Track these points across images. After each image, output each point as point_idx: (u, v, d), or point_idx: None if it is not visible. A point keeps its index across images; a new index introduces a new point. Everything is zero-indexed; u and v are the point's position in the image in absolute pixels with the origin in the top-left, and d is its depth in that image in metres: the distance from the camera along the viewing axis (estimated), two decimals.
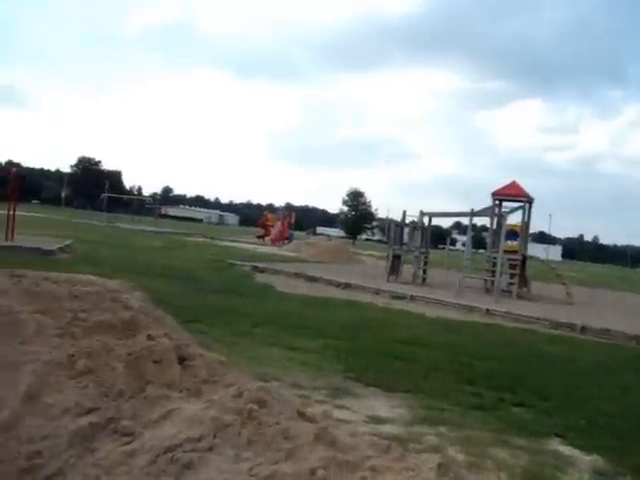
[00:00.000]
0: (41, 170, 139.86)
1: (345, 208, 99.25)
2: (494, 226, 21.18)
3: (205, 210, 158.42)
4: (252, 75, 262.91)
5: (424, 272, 21.68)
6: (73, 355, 3.58)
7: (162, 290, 12.13)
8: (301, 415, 3.73)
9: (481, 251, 27.97)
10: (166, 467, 2.91)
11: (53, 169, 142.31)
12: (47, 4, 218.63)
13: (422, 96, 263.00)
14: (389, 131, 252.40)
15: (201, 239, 41.42)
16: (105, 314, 4.22)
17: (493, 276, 20.04)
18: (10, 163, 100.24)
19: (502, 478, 4.46)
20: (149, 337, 3.91)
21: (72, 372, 3.48)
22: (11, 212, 19.34)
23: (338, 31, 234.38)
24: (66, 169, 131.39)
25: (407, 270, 21.38)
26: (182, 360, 3.88)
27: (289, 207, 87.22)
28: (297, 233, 58.86)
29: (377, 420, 5.39)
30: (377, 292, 16.85)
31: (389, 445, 3.49)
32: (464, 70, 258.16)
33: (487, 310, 14.97)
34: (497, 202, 21.81)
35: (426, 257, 21.92)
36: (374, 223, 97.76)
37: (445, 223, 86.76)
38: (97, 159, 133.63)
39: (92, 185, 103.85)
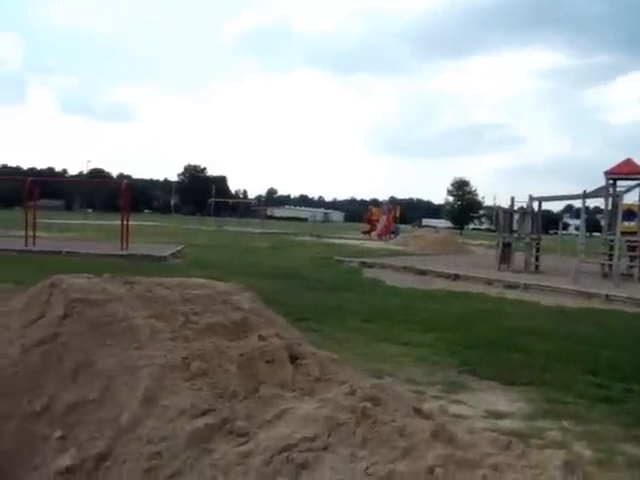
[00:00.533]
0: (150, 180, 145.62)
1: (450, 198, 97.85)
2: (609, 207, 20.20)
3: (310, 209, 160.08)
4: (349, 71, 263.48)
5: (536, 259, 20.98)
6: (187, 358, 3.62)
7: (271, 290, 12.31)
8: (417, 412, 3.63)
9: (596, 234, 26.79)
10: (282, 467, 2.89)
11: (162, 179, 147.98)
12: (144, 18, 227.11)
13: (524, 77, 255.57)
14: (492, 116, 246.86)
15: (307, 238, 41.84)
16: (216, 316, 4.26)
17: (611, 260, 19.09)
18: (121, 175, 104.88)
19: (638, 477, 4.18)
20: (260, 337, 3.91)
21: (186, 374, 3.52)
22: (124, 222, 20.20)
23: (431, 19, 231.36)
24: (174, 178, 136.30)
25: (518, 258, 20.75)
26: (294, 359, 3.86)
27: (393, 201, 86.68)
28: (403, 226, 58.48)
29: (496, 415, 5.21)
30: (489, 282, 16.43)
31: (510, 441, 3.33)
32: (565, 46, 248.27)
33: (607, 296, 14.24)
34: (611, 182, 20.77)
35: (538, 243, 21.20)
36: (481, 212, 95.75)
37: (556, 207, 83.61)
38: (203, 166, 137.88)
39: (199, 191, 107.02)
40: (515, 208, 21.59)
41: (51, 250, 18.47)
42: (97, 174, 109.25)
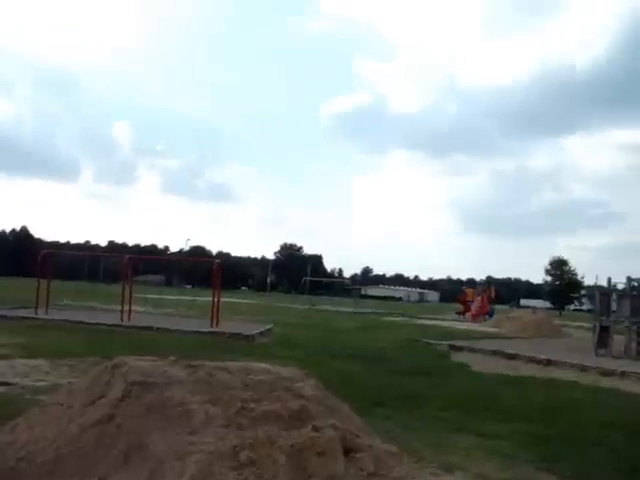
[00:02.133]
0: (248, 258, 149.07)
1: (549, 278, 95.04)
2: None
3: (405, 288, 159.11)
4: (442, 151, 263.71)
5: (638, 344, 19.83)
6: (237, 446, 3.60)
7: (351, 372, 12.19)
8: None
9: None
10: None
11: (259, 256, 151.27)
12: (242, 103, 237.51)
13: (622, 153, 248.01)
14: (590, 193, 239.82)
15: (399, 318, 41.38)
16: (274, 404, 4.23)
17: None
18: (220, 253, 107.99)
19: None
20: (314, 428, 3.85)
21: (235, 463, 3.50)
22: (215, 300, 20.66)
23: (523, 96, 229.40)
24: (271, 256, 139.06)
25: (619, 342, 19.69)
26: (348, 451, 3.77)
27: (490, 280, 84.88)
28: (499, 307, 57.02)
29: None
30: (583, 369, 15.63)
31: None
32: None
33: None
34: None
35: (638, 327, 20.09)
36: (582, 292, 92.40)
37: None
38: (299, 245, 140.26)
39: (295, 270, 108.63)
40: (614, 289, 20.69)
41: (143, 326, 19.00)
42: (197, 252, 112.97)
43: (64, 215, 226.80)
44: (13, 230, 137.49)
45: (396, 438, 6.64)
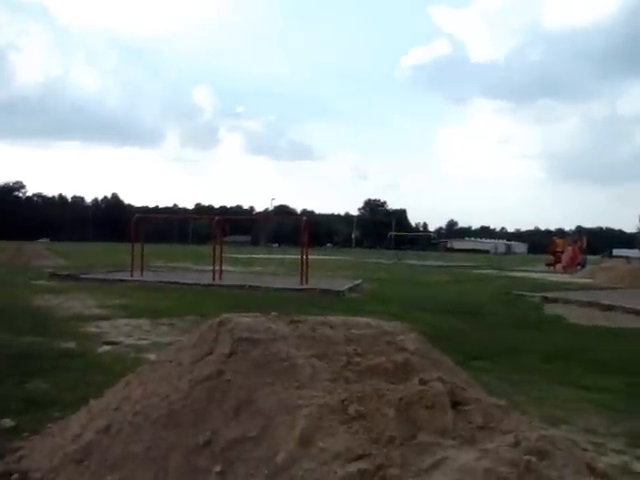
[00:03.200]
0: (332, 215, 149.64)
1: None
2: None
3: (491, 240, 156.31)
4: (527, 98, 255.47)
5: None
6: (345, 400, 3.60)
7: (446, 326, 12.09)
8: (591, 470, 3.35)
9: None
10: None
11: (343, 213, 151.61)
12: (321, 60, 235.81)
13: None
14: None
15: (488, 271, 40.79)
16: (379, 357, 4.20)
17: None
18: (304, 212, 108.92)
19: None
20: (421, 381, 3.80)
21: (344, 417, 3.50)
22: (304, 257, 20.84)
23: (608, 35, 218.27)
24: (355, 212, 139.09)
25: None
26: (456, 405, 3.72)
27: (580, 230, 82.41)
28: (591, 257, 55.31)
29: None
30: None
31: None
32: None
33: None
34: None
35: None
36: None
37: None
38: (382, 200, 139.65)
39: (379, 225, 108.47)
40: None
41: (235, 284, 19.42)
42: (282, 211, 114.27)
43: (151, 181, 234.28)
44: (105, 198, 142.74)
45: (497, 391, 6.53)
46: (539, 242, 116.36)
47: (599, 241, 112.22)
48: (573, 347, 10.10)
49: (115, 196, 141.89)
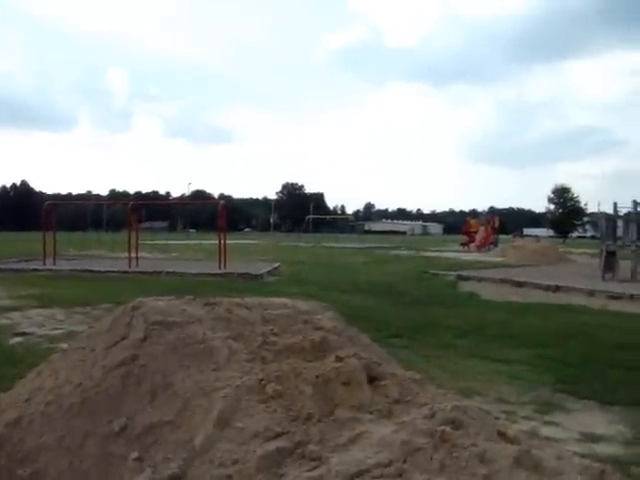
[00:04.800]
0: (250, 199, 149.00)
1: (551, 206, 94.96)
2: None
3: (408, 222, 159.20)
4: (443, 82, 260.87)
5: None
6: (263, 379, 3.60)
7: (364, 306, 12.25)
8: (501, 435, 3.46)
9: None
10: None
11: (260, 197, 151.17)
12: (238, 42, 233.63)
13: (625, 78, 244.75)
14: (593, 120, 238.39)
15: (404, 251, 41.49)
16: (296, 337, 4.22)
17: None
18: (222, 196, 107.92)
19: None
20: (337, 358, 3.83)
21: (262, 396, 3.49)
22: (221, 241, 20.66)
23: (524, 23, 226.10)
24: (273, 196, 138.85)
25: (625, 267, 19.73)
26: (373, 380, 3.77)
27: (493, 211, 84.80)
28: (502, 237, 57.09)
29: (592, 438, 4.86)
30: (591, 293, 15.69)
31: (603, 470, 3.12)
32: None
33: None
34: None
35: None
36: (585, 219, 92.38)
37: None
38: (300, 184, 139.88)
39: (297, 209, 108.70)
40: (620, 214, 20.64)
41: (152, 271, 19.07)
42: (199, 195, 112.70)
43: (64, 167, 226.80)
44: (13, 185, 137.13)
45: (414, 367, 6.67)
46: (454, 223, 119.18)
47: (511, 221, 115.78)
48: (486, 322, 10.42)
49: (25, 183, 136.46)
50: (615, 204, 20.77)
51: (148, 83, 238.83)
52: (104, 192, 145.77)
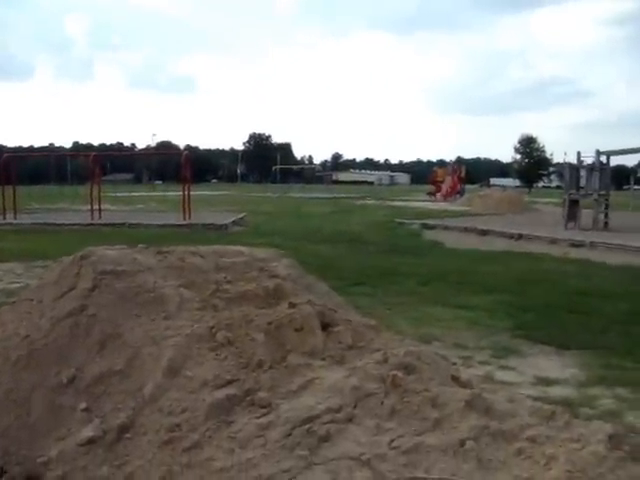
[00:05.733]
0: (217, 150, 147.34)
1: (518, 156, 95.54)
2: None
3: (376, 172, 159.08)
4: (409, 31, 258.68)
5: (605, 216, 20.15)
6: (213, 327, 3.54)
7: (328, 255, 12.24)
8: (455, 380, 3.47)
9: None
10: (302, 440, 2.78)
11: (227, 148, 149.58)
12: None
13: (593, 27, 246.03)
14: (559, 70, 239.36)
15: (371, 201, 41.55)
16: (249, 284, 4.16)
17: None
18: (188, 147, 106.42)
19: None
20: (290, 305, 3.79)
21: (212, 344, 3.45)
22: (186, 193, 20.44)
23: None
24: (239, 147, 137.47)
25: (587, 215, 19.96)
26: (327, 326, 3.74)
27: (460, 160, 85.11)
28: (469, 187, 57.39)
29: (545, 382, 4.93)
30: (553, 241, 15.87)
31: (553, 411, 3.13)
32: None
33: None
34: None
35: (607, 200, 20.30)
36: (550, 169, 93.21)
37: (631, 162, 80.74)
38: (267, 134, 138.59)
39: (264, 159, 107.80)
40: (583, 163, 20.78)
41: (115, 222, 18.85)
42: (164, 146, 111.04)
43: (24, 119, 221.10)
44: None
45: (376, 314, 6.69)
46: (422, 173, 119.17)
47: (478, 171, 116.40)
48: (449, 270, 10.48)
49: None
50: (579, 153, 20.90)
51: (110, 32, 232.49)
52: (68, 144, 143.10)
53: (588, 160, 20.63)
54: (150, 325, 3.63)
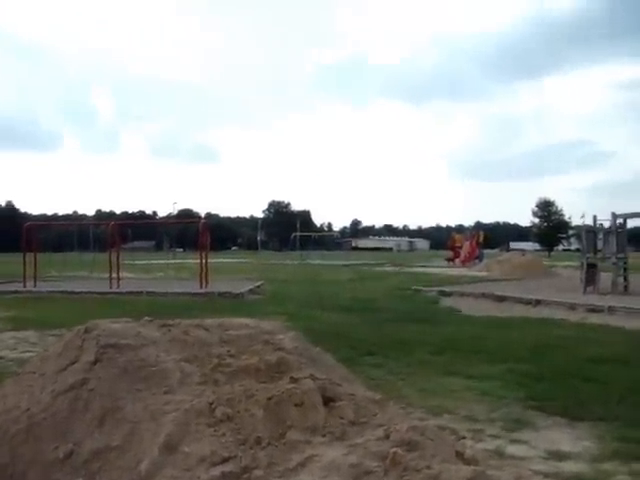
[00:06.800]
0: (237, 218, 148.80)
1: (536, 220, 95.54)
2: None
3: (395, 238, 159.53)
4: (425, 99, 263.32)
5: (625, 279, 19.92)
6: (212, 402, 3.52)
7: (342, 323, 12.18)
8: (459, 456, 3.39)
9: None
10: None
11: (247, 216, 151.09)
12: (221, 61, 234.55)
13: (605, 91, 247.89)
14: (575, 134, 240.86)
15: (389, 268, 41.48)
16: (252, 358, 4.14)
17: None
18: (209, 215, 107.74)
19: None
20: (292, 379, 3.76)
21: (211, 420, 3.41)
22: (203, 260, 20.56)
23: (504, 39, 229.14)
24: (259, 214, 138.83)
25: (606, 279, 19.72)
26: (329, 401, 3.69)
27: (479, 225, 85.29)
28: (489, 251, 57.21)
29: (557, 456, 4.76)
30: (571, 307, 15.67)
31: None
32: None
33: None
34: None
35: (625, 263, 20.09)
36: (570, 232, 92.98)
37: None
38: (287, 201, 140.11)
39: (284, 226, 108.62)
40: (601, 227, 20.70)
41: (133, 291, 18.94)
42: (185, 214, 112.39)
43: (50, 187, 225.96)
44: None
45: (386, 385, 6.64)
46: (440, 238, 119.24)
47: (498, 235, 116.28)
48: (463, 338, 10.35)
49: (10, 204, 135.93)
50: (595, 217, 20.88)
51: (135, 102, 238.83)
52: (91, 212, 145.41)
53: (605, 223, 20.57)
54: (150, 400, 3.62)
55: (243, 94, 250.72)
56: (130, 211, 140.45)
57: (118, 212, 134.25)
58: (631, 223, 21.96)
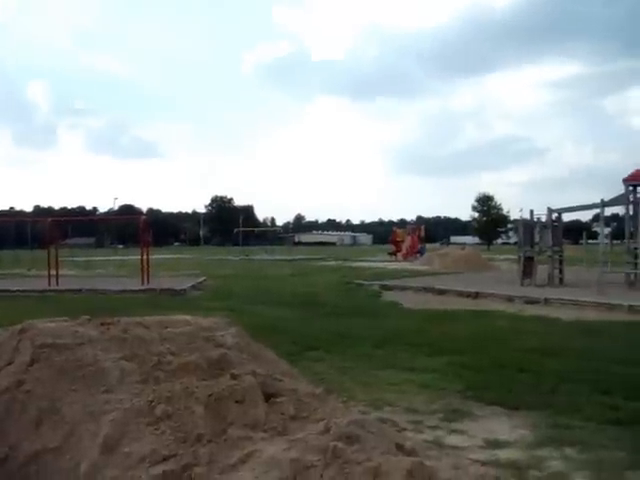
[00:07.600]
0: (179, 213, 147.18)
1: (476, 214, 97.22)
2: (630, 214, 19.62)
3: (338, 233, 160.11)
4: (367, 95, 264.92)
5: (560, 272, 20.50)
6: (152, 401, 3.49)
7: (284, 318, 12.19)
8: (399, 448, 3.44)
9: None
10: None
11: (190, 211, 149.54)
12: (163, 57, 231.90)
13: (542, 89, 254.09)
14: (513, 130, 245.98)
15: (332, 262, 41.66)
16: (192, 355, 4.12)
17: (636, 268, 18.64)
18: (150, 210, 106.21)
19: None
20: (232, 376, 3.76)
21: (151, 419, 3.39)
22: (144, 257, 20.28)
23: (444, 37, 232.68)
24: (202, 210, 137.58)
25: (542, 271, 20.25)
26: (270, 397, 3.71)
27: (420, 220, 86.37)
28: (430, 245, 58.00)
29: (494, 444, 4.91)
30: (509, 299, 16.06)
31: (498, 477, 3.14)
32: (582, 55, 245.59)
33: (630, 307, 13.60)
34: (631, 188, 20.00)
35: (560, 255, 20.69)
36: (509, 226, 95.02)
37: (585, 217, 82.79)
38: (229, 197, 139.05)
39: (227, 222, 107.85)
40: (537, 220, 21.22)
41: (72, 289, 18.56)
42: (127, 210, 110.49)
43: None
44: None
45: (328, 379, 6.70)
46: (383, 233, 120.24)
47: (439, 230, 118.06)
48: (404, 331, 10.48)
49: None
50: (532, 211, 21.39)
51: (72, 96, 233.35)
52: (28, 208, 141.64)
53: (542, 217, 21.09)
54: (89, 400, 3.57)
55: (184, 89, 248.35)
56: (69, 207, 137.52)
57: (57, 208, 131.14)
58: (568, 217, 22.59)
